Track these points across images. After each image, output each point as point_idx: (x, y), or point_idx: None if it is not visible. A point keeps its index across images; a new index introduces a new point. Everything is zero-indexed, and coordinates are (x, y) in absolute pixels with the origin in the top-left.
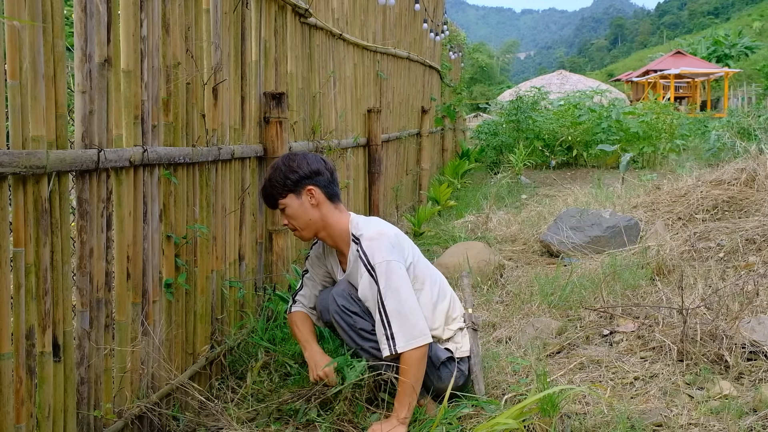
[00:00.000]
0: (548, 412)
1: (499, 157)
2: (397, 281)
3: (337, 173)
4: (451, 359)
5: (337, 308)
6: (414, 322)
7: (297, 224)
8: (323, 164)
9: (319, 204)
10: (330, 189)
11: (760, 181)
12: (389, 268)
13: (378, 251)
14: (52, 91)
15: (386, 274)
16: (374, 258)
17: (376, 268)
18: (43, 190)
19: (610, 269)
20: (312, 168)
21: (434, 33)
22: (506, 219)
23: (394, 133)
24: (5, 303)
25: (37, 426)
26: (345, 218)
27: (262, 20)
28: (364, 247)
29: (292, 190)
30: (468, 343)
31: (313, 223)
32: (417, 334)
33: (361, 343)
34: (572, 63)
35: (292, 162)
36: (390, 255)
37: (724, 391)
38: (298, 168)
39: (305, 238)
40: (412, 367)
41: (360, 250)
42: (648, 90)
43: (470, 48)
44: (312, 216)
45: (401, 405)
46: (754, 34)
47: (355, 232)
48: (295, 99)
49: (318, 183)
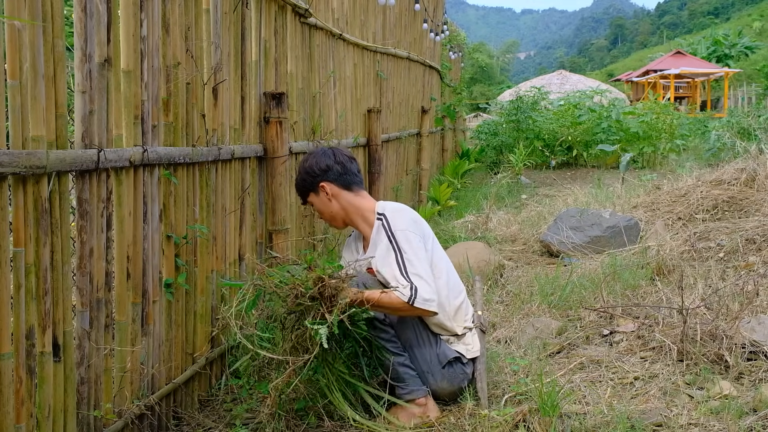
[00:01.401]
0: (548, 412)
1: (499, 157)
2: (417, 247)
3: (355, 162)
4: (458, 360)
5: None
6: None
7: (325, 217)
8: (332, 158)
9: (335, 196)
10: (343, 180)
11: (760, 181)
12: (408, 237)
13: (401, 220)
14: (52, 91)
15: (407, 240)
16: (396, 226)
17: (396, 234)
18: (43, 190)
19: (610, 269)
20: (321, 166)
21: (434, 33)
22: (506, 219)
23: (394, 133)
24: (5, 303)
25: (37, 426)
26: (369, 202)
27: (262, 20)
28: (388, 218)
29: (311, 190)
30: (478, 343)
31: (337, 213)
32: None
33: (373, 333)
34: (572, 63)
35: (306, 163)
36: (411, 226)
37: (724, 391)
38: (309, 168)
39: (338, 228)
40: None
41: (384, 221)
42: (648, 90)
43: (470, 48)
44: (332, 208)
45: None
46: (754, 34)
47: (379, 210)
48: (295, 99)
49: (328, 178)
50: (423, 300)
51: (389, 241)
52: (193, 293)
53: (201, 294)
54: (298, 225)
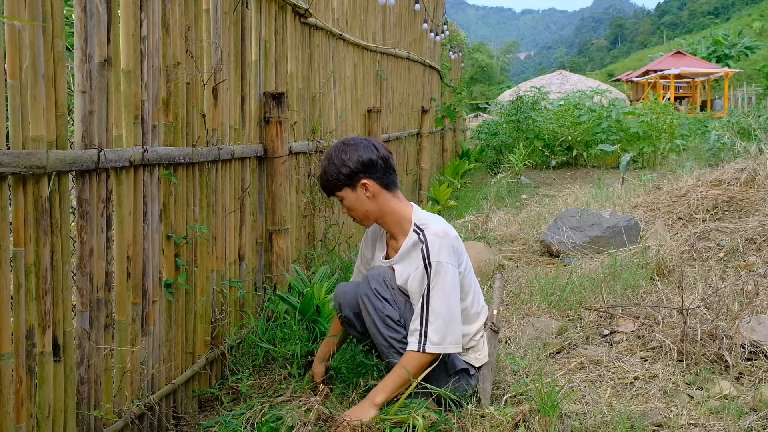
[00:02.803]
0: (548, 412)
1: (499, 157)
2: (450, 285)
3: (393, 158)
4: (465, 371)
5: (369, 290)
6: (451, 329)
7: (356, 215)
8: (375, 152)
9: (375, 195)
10: (386, 178)
11: (760, 181)
12: (446, 270)
13: (441, 249)
14: (52, 91)
15: (442, 275)
16: (436, 255)
17: (433, 265)
18: (43, 190)
19: (610, 269)
20: (363, 160)
21: (434, 33)
22: (506, 219)
23: (394, 133)
24: (5, 303)
25: (37, 426)
26: (407, 208)
27: (262, 20)
28: (429, 242)
29: (346, 184)
30: (486, 348)
31: (371, 213)
32: (451, 341)
33: (383, 331)
34: (572, 63)
35: (344, 154)
36: (449, 258)
37: (724, 391)
38: (349, 161)
39: (366, 226)
40: (415, 367)
41: (423, 242)
42: (648, 90)
43: (470, 48)
44: (369, 207)
45: (383, 390)
46: (754, 34)
47: (418, 223)
48: (295, 99)
49: (372, 175)
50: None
51: (424, 269)
52: (193, 293)
53: (201, 294)
54: (298, 225)
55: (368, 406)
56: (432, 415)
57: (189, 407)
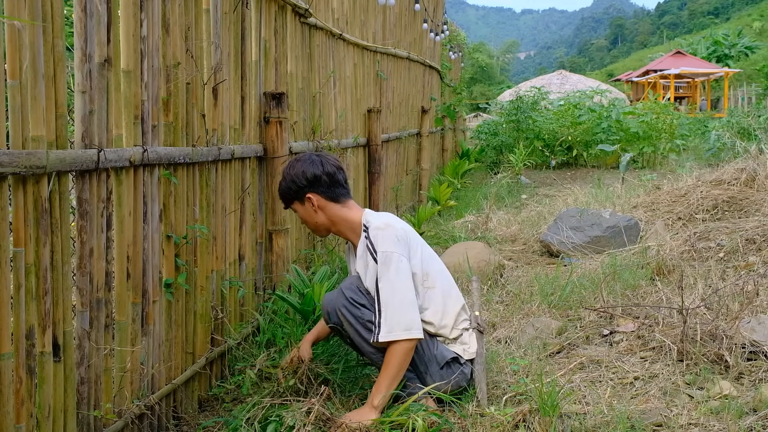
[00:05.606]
0: (548, 412)
1: (499, 157)
2: (394, 272)
3: (342, 172)
4: (456, 360)
5: (345, 301)
6: (401, 314)
7: (308, 226)
8: (321, 168)
9: (321, 208)
10: (330, 192)
11: (760, 181)
12: (390, 259)
13: (382, 240)
14: (52, 91)
15: (386, 264)
16: (380, 246)
17: (379, 256)
18: (43, 190)
19: (610, 269)
20: (308, 177)
21: (434, 33)
22: (506, 219)
23: (394, 133)
24: (5, 303)
25: (37, 426)
26: (356, 214)
27: (262, 20)
28: (371, 236)
29: (295, 198)
30: (476, 344)
31: (321, 224)
32: (402, 327)
33: (367, 336)
34: (572, 63)
35: (292, 170)
36: (393, 246)
37: (724, 391)
38: (296, 177)
39: (320, 236)
40: (393, 358)
41: (367, 239)
42: (648, 90)
43: (470, 48)
44: (318, 219)
45: (377, 392)
46: (754, 34)
47: (365, 223)
48: (295, 99)
49: (316, 190)
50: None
51: (375, 263)
52: (193, 293)
53: (201, 294)
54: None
55: (368, 410)
56: (431, 417)
57: (189, 407)
